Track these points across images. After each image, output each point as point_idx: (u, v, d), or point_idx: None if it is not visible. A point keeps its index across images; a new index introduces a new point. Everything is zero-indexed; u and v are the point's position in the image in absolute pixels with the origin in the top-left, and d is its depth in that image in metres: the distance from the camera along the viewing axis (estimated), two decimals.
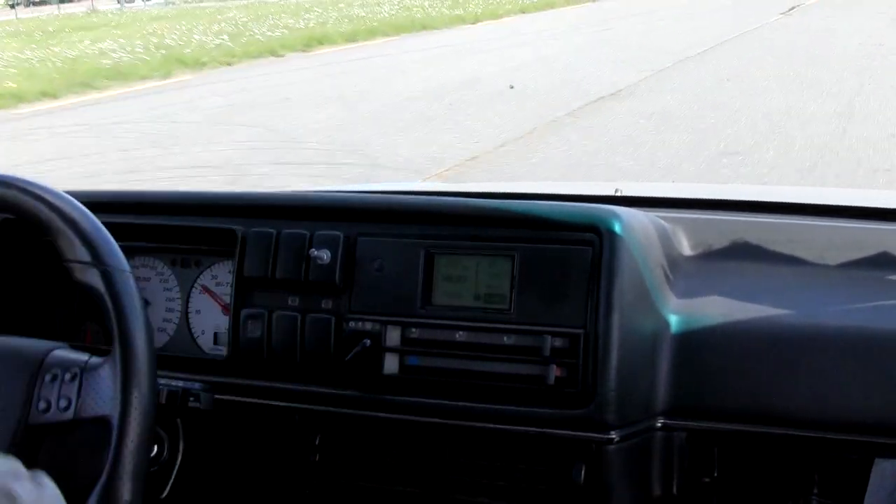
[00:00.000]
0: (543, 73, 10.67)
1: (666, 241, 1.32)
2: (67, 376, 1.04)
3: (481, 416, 1.21)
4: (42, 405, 1.03)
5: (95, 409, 1.02)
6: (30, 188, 1.07)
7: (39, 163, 6.89)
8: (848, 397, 1.16)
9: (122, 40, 16.35)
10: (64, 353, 1.08)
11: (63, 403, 1.03)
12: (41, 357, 1.07)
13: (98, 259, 1.04)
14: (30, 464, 0.99)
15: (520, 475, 1.22)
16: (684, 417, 1.21)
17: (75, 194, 1.10)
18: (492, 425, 1.21)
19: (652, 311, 1.22)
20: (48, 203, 1.07)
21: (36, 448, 1.04)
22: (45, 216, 1.06)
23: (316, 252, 1.27)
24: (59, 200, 1.07)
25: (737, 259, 1.35)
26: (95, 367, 1.04)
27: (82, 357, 1.07)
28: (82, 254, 1.04)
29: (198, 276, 1.41)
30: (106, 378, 1.02)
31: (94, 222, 1.07)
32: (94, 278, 1.04)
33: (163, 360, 1.12)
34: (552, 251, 1.21)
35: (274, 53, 14.99)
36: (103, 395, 1.02)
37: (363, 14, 21.19)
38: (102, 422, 1.01)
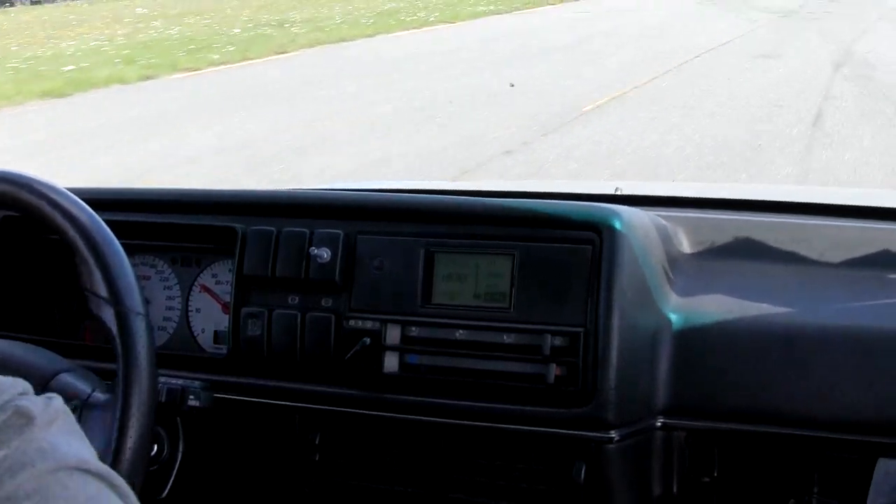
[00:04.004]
0: None
1: (666, 239, 1.32)
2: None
3: (481, 414, 1.21)
4: None
5: None
6: (62, 203, 1.05)
7: None
8: (849, 396, 1.16)
9: None
10: (70, 379, 1.07)
11: None
12: (47, 379, 1.06)
13: (116, 298, 1.02)
14: None
15: (519, 474, 1.22)
16: (684, 416, 1.21)
17: (76, 191, 1.10)
18: (491, 424, 1.21)
19: (652, 310, 1.22)
20: (78, 224, 1.04)
21: None
22: (70, 237, 1.04)
23: (316, 250, 1.27)
24: (88, 222, 1.04)
25: (737, 258, 1.35)
26: (95, 406, 1.03)
27: (86, 389, 1.05)
28: (101, 289, 1.03)
29: (198, 275, 1.41)
30: (104, 420, 1.01)
31: (118, 256, 1.04)
32: (108, 316, 1.03)
33: (163, 358, 1.12)
34: (552, 250, 1.21)
35: None
36: (98, 437, 1.00)
37: None
38: None
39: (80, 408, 1.03)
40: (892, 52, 11.27)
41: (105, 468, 0.61)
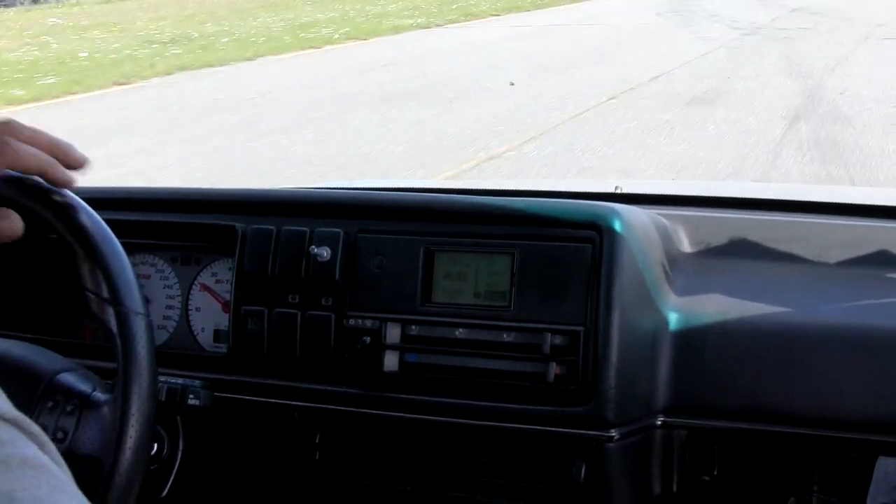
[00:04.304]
0: None
1: (666, 238, 1.32)
2: (68, 408, 1.03)
3: (481, 413, 1.21)
4: None
5: (89, 448, 1.00)
6: (61, 202, 1.04)
7: None
8: (848, 395, 1.16)
9: None
10: (71, 378, 1.07)
11: (59, 435, 1.01)
12: (48, 378, 1.06)
13: (116, 298, 1.02)
14: None
15: (519, 473, 1.22)
16: (684, 415, 1.21)
17: (76, 190, 1.09)
18: (491, 423, 1.21)
19: (651, 309, 1.22)
20: (77, 224, 1.04)
21: None
22: (70, 236, 1.04)
23: (316, 249, 1.27)
24: (88, 222, 1.04)
25: (736, 257, 1.35)
26: (95, 405, 1.03)
27: (86, 388, 1.05)
28: (101, 289, 1.02)
29: (198, 274, 1.40)
30: (104, 419, 1.01)
31: (118, 255, 1.04)
32: (108, 316, 1.02)
33: (163, 357, 1.12)
34: (552, 249, 1.21)
35: None
36: (99, 436, 1.01)
37: None
38: (95, 462, 1.00)
39: (81, 407, 1.03)
40: (875, 91, 8.25)
41: (20, 415, 0.59)
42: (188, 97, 10.16)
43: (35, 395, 1.04)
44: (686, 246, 1.36)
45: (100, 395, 1.04)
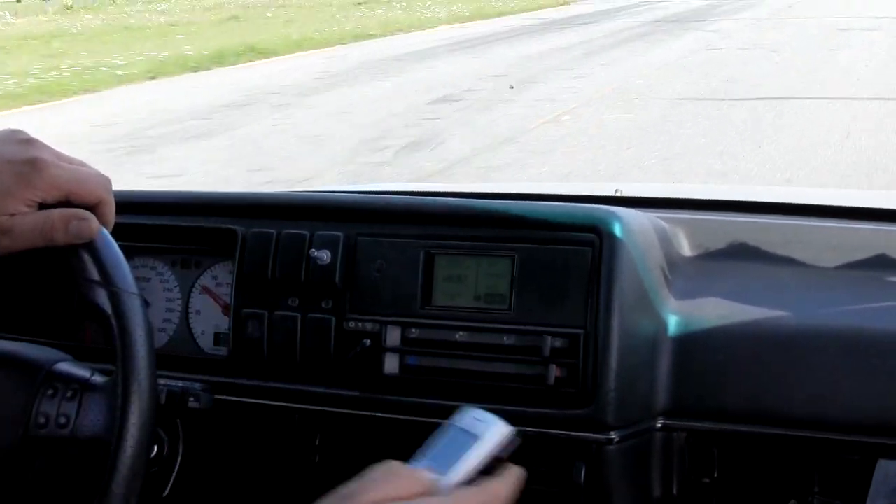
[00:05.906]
0: None
1: (665, 241, 1.32)
2: (68, 393, 1.03)
3: None
4: (41, 420, 1.02)
5: (93, 430, 1.00)
6: None
7: None
8: (848, 398, 1.16)
9: None
10: (67, 367, 1.07)
11: (62, 420, 1.01)
12: (45, 369, 1.06)
13: (107, 279, 1.02)
14: (26, 477, 0.97)
15: None
16: (684, 418, 1.21)
17: None
18: None
19: (651, 312, 1.22)
20: None
21: (33, 461, 1.03)
22: None
23: (316, 252, 1.27)
24: None
25: (736, 260, 1.35)
26: (96, 388, 1.03)
27: (84, 374, 1.06)
28: (92, 272, 1.03)
29: (198, 277, 1.41)
30: (105, 400, 1.01)
31: (106, 239, 1.05)
32: (101, 298, 1.03)
33: (163, 360, 1.12)
34: (552, 252, 1.22)
35: None
36: (101, 417, 1.01)
37: None
38: (99, 444, 1.00)
39: (81, 391, 1.04)
40: None
41: None
42: None
43: (34, 385, 1.04)
44: (686, 249, 1.36)
45: (98, 379, 1.05)
